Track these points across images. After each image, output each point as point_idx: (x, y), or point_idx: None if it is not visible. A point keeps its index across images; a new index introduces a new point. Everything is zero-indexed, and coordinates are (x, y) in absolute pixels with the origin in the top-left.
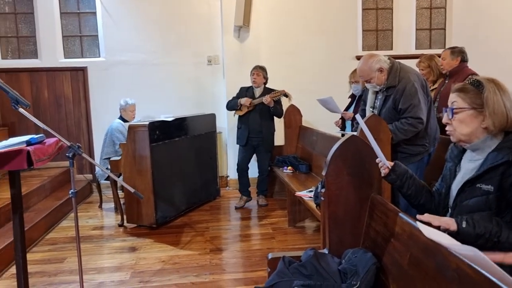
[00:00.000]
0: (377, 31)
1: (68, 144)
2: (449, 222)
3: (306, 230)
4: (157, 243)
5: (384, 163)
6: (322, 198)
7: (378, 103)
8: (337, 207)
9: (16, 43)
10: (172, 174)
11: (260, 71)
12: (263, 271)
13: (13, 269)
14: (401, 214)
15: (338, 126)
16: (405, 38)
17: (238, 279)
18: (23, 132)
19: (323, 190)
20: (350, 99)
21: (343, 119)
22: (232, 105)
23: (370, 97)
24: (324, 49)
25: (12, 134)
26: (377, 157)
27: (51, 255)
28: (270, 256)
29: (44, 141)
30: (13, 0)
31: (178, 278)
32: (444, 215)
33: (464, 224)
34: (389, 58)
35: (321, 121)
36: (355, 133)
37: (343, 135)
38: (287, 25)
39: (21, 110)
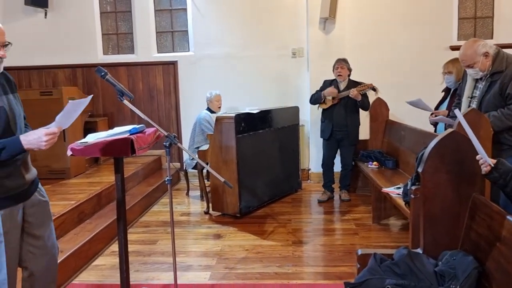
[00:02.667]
0: (475, 18)
1: (165, 134)
2: None
3: (391, 228)
4: (241, 232)
5: (486, 160)
6: (413, 196)
7: (477, 92)
8: (433, 205)
9: (115, 39)
10: (256, 165)
11: (343, 63)
12: (346, 266)
13: (113, 247)
14: (509, 217)
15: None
16: (508, 26)
17: (320, 272)
18: (120, 122)
19: (413, 187)
20: (443, 93)
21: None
22: (315, 98)
23: (468, 85)
24: (415, 40)
25: (111, 123)
26: (477, 154)
27: (145, 236)
28: (360, 252)
29: (144, 130)
30: (114, 0)
31: (261, 267)
32: None
33: None
34: (494, 45)
35: (410, 115)
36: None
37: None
38: (374, 16)
39: (125, 101)
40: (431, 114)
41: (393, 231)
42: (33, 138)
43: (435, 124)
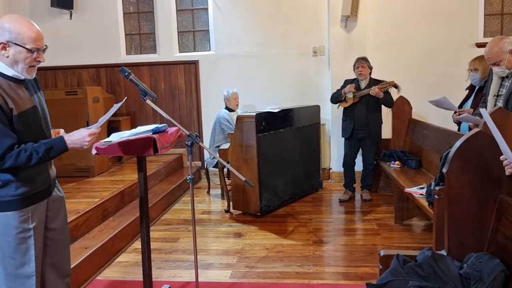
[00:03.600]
0: (503, 14)
1: (187, 133)
2: None
3: (414, 228)
4: (261, 230)
5: (511, 161)
6: (436, 196)
7: (504, 90)
8: (458, 207)
9: (138, 39)
10: (277, 164)
11: (364, 62)
12: (367, 267)
13: (135, 244)
14: None
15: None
16: None
17: (341, 273)
18: (143, 121)
19: (437, 188)
20: (467, 91)
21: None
22: (336, 97)
23: (494, 84)
24: (439, 37)
25: (134, 122)
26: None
27: (166, 234)
28: (382, 252)
29: (167, 129)
30: (137, 1)
31: (282, 266)
32: None
33: None
34: None
35: (433, 114)
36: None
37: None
38: (397, 13)
39: (148, 101)
40: (455, 112)
41: (415, 232)
42: (77, 138)
43: (458, 123)
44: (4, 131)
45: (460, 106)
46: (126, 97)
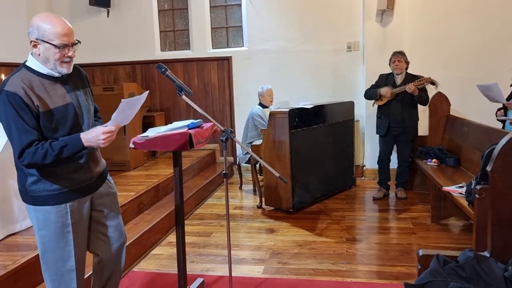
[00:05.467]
0: None
1: (222, 128)
2: None
3: (451, 228)
4: (294, 227)
5: None
6: (478, 196)
7: None
8: (504, 207)
9: (172, 36)
10: (309, 161)
11: (401, 56)
12: (403, 266)
13: (169, 238)
14: None
15: (501, 115)
16: None
17: (375, 271)
18: (176, 116)
19: (478, 187)
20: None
21: (505, 109)
22: (370, 95)
23: None
24: (481, 31)
25: (168, 118)
26: None
27: (200, 229)
28: (421, 252)
29: (202, 125)
30: None
31: (315, 263)
32: None
33: None
34: None
35: (473, 110)
36: None
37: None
38: (436, 6)
39: (184, 97)
40: (499, 109)
41: (453, 232)
42: (92, 136)
43: (503, 121)
44: (25, 128)
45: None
46: (148, 91)
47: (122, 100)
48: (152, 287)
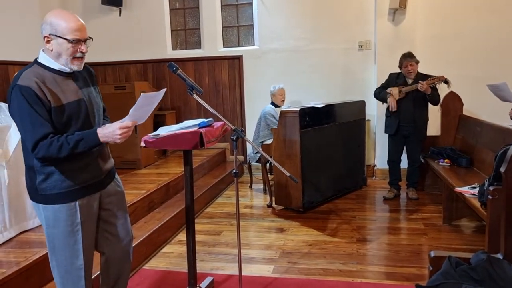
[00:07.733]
0: None
1: (233, 127)
2: None
3: (463, 229)
4: (304, 226)
5: None
6: (491, 197)
7: None
8: None
9: (183, 35)
10: (320, 160)
11: (413, 60)
12: (414, 268)
13: (179, 236)
14: None
15: None
16: None
17: (385, 272)
18: (187, 115)
19: (491, 188)
20: None
21: None
22: (381, 98)
23: None
24: (494, 28)
25: (178, 116)
26: None
27: (210, 227)
28: (432, 253)
29: (213, 124)
30: None
31: (325, 263)
32: None
33: None
34: None
35: (486, 111)
36: None
37: None
38: (448, 4)
39: (195, 96)
40: None
41: (465, 233)
42: (109, 131)
43: None
44: (40, 121)
45: None
46: (165, 88)
47: (142, 94)
48: (162, 285)
